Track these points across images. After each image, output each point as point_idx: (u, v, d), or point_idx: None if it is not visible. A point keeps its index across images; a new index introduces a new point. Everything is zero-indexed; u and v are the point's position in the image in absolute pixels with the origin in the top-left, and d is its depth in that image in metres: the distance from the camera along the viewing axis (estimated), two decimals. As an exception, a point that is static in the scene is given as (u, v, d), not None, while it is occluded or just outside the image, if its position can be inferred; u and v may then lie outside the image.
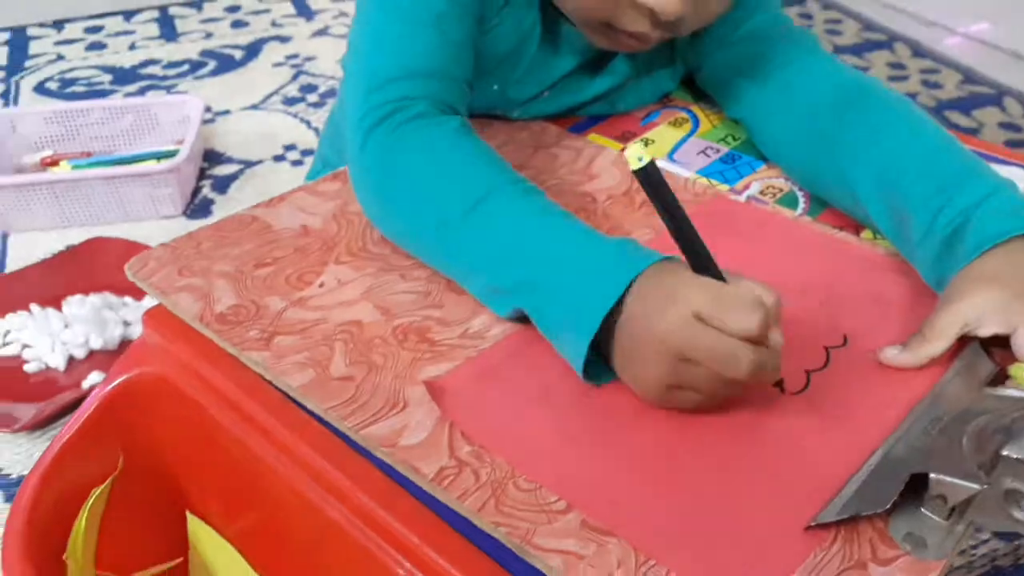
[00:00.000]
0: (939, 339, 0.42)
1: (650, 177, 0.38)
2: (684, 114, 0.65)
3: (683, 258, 0.39)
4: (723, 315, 0.36)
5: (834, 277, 0.48)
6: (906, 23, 1.50)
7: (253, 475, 0.42)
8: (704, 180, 0.57)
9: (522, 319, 0.44)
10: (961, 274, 0.43)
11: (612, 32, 0.53)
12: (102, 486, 0.46)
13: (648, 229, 0.52)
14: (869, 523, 0.35)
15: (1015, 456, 0.36)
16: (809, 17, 1.53)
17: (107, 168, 1.00)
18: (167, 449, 0.47)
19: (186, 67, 1.33)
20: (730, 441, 0.38)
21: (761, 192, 0.57)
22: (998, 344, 0.42)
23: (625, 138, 0.62)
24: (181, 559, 0.50)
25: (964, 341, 0.42)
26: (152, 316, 0.46)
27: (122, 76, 1.31)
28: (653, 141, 0.62)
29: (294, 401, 0.41)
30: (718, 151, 0.61)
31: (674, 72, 0.66)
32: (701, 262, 0.39)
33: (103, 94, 1.26)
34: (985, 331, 0.41)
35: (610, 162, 0.59)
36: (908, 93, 1.26)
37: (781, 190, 0.56)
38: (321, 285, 0.47)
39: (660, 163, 0.58)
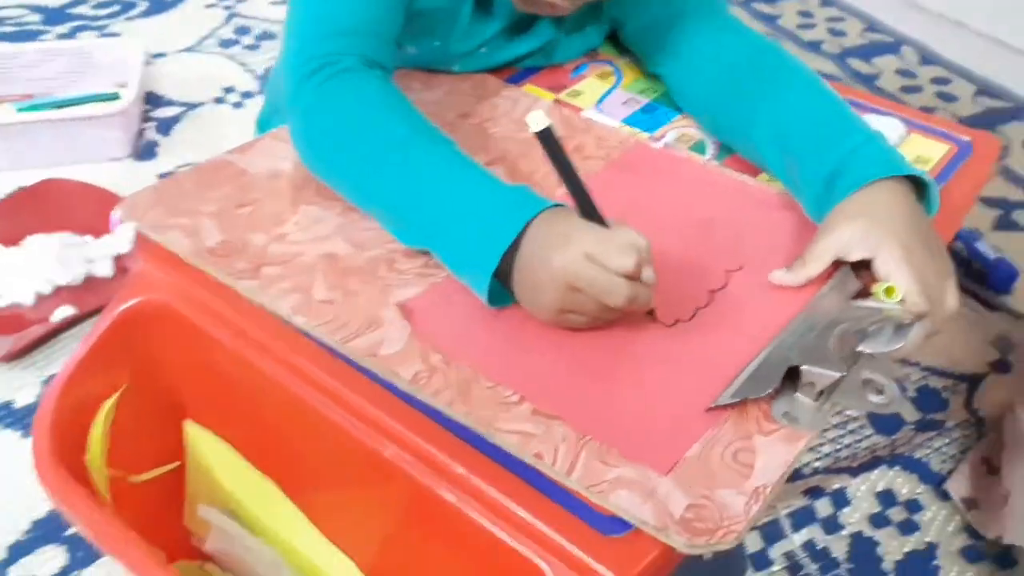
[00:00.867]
0: (816, 263, 0.51)
1: (547, 139, 0.47)
2: (609, 67, 0.73)
3: (572, 205, 0.47)
4: (606, 256, 0.45)
5: (735, 213, 0.58)
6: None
7: (249, 383, 0.49)
8: (628, 128, 0.66)
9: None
10: (835, 210, 0.52)
11: (536, 1, 0.60)
12: (111, 398, 0.52)
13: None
14: (755, 405, 0.44)
15: (868, 351, 0.46)
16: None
17: (56, 111, 1.02)
18: (166, 366, 0.54)
19: (117, 7, 1.33)
20: (648, 342, 0.48)
21: (676, 140, 0.65)
22: (864, 267, 0.52)
23: (556, 89, 0.70)
24: (179, 463, 0.57)
25: (837, 264, 0.52)
26: (147, 250, 0.53)
27: (52, 16, 1.30)
28: (581, 93, 0.70)
29: (284, 321, 0.48)
30: (639, 102, 0.69)
31: (600, 29, 0.73)
32: (588, 211, 0.47)
33: (34, 35, 1.26)
34: (853, 256, 0.51)
35: (545, 110, 0.66)
36: (814, 40, 1.37)
37: (693, 138, 0.65)
38: (297, 223, 0.54)
39: (589, 112, 0.67)
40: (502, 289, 0.48)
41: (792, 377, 0.45)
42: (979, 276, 0.87)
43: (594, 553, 0.39)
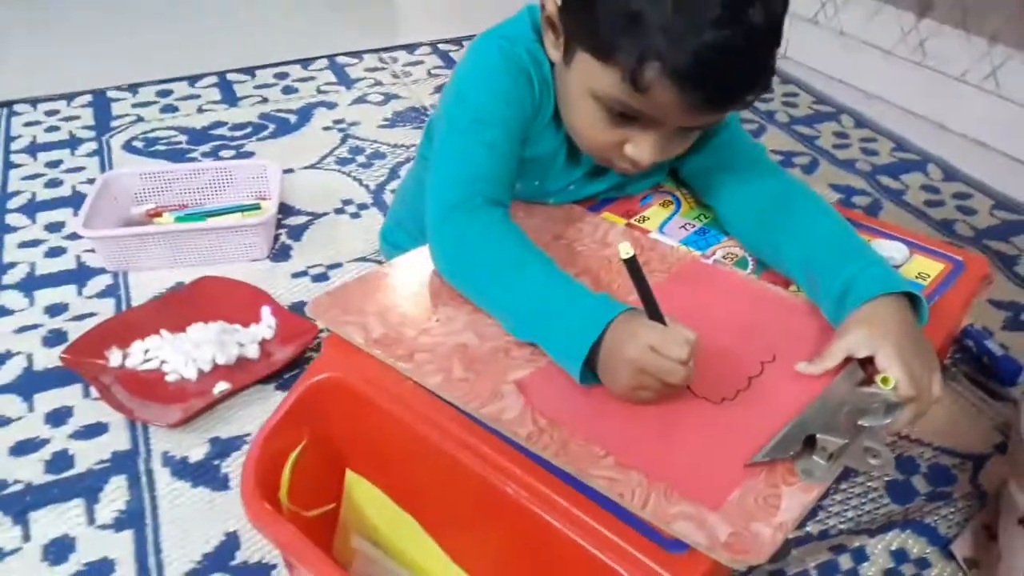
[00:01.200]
0: (832, 359, 0.67)
1: (632, 264, 0.63)
2: (670, 198, 0.91)
3: (643, 308, 0.64)
4: (666, 348, 0.60)
5: (770, 316, 0.74)
6: (853, 95, 1.78)
7: (402, 439, 0.66)
8: (684, 248, 0.83)
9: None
10: (846, 319, 0.68)
11: (607, 162, 0.79)
12: (295, 451, 0.70)
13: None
14: (782, 463, 0.59)
15: (866, 424, 0.61)
16: (771, 90, 1.80)
17: (209, 220, 1.24)
18: (336, 427, 0.71)
19: (249, 129, 1.57)
20: (702, 415, 0.63)
21: (723, 257, 0.82)
22: (868, 362, 0.67)
23: (627, 215, 0.88)
24: (335, 504, 0.74)
25: (848, 360, 0.68)
26: (328, 340, 0.71)
27: (195, 137, 1.55)
28: (648, 218, 0.88)
29: (432, 394, 0.65)
30: (694, 226, 0.87)
31: (663, 167, 0.92)
32: (653, 313, 0.63)
33: (182, 152, 1.50)
34: (860, 354, 0.66)
35: (619, 233, 0.84)
36: (848, 159, 1.52)
37: (736, 256, 0.82)
38: (437, 320, 0.72)
39: (654, 234, 0.85)
40: (589, 372, 0.65)
41: (810, 443, 0.60)
42: (987, 370, 1.01)
43: (662, 564, 0.53)
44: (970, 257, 0.83)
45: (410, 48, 1.94)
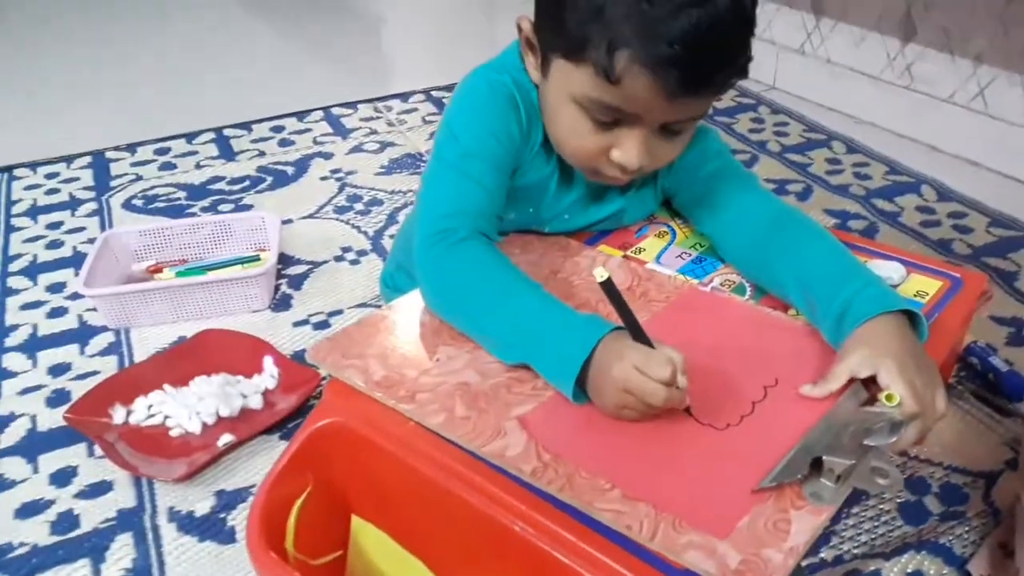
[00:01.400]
0: (835, 381, 0.67)
1: (609, 286, 0.64)
2: (665, 228, 0.92)
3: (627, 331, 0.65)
4: (648, 368, 0.61)
5: (770, 340, 0.74)
6: (842, 122, 1.80)
7: (406, 481, 0.66)
8: (681, 277, 0.83)
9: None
10: (847, 340, 0.68)
11: (597, 174, 0.79)
12: (301, 497, 0.69)
13: (645, 312, 0.77)
14: (790, 487, 0.59)
15: (872, 444, 0.61)
16: (760, 121, 1.82)
17: (209, 274, 1.25)
18: (340, 473, 0.71)
19: (247, 182, 1.59)
20: (707, 442, 0.63)
21: (721, 284, 0.82)
22: (871, 381, 0.67)
23: (624, 247, 0.88)
24: (341, 552, 0.73)
25: (851, 380, 0.67)
26: (330, 386, 0.71)
27: (194, 192, 1.56)
28: (644, 249, 0.88)
29: (435, 434, 0.65)
30: (690, 255, 0.87)
31: (657, 199, 0.92)
32: (637, 334, 0.64)
33: (181, 208, 1.51)
34: (862, 374, 0.66)
35: (616, 266, 0.85)
36: (842, 184, 1.53)
37: (734, 283, 0.82)
38: (438, 360, 0.72)
39: (649, 265, 0.85)
40: (580, 391, 0.65)
41: (817, 466, 0.60)
42: (993, 387, 1.00)
43: (673, 595, 0.54)
44: (968, 274, 0.83)
45: (404, 96, 1.97)
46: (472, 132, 0.78)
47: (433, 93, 1.98)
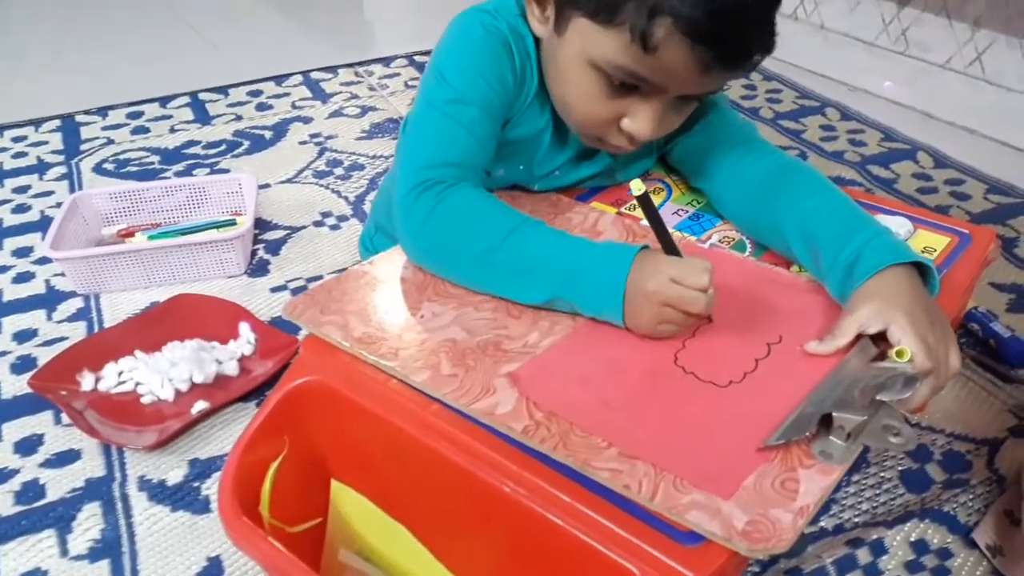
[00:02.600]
0: (843, 336, 0.63)
1: (645, 200, 0.65)
2: (661, 184, 0.88)
3: (659, 247, 0.65)
4: (686, 277, 0.61)
5: (773, 297, 0.70)
6: (836, 89, 1.76)
7: (390, 443, 0.62)
8: (678, 234, 0.79)
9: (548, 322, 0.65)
10: (855, 293, 0.65)
11: (600, 141, 0.75)
12: (276, 461, 0.65)
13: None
14: (797, 445, 0.55)
15: (885, 399, 0.57)
16: (753, 88, 1.78)
17: (182, 237, 1.20)
18: (318, 435, 0.67)
19: (223, 146, 1.53)
20: (709, 399, 0.59)
21: (720, 241, 0.79)
22: (881, 337, 0.64)
23: (617, 204, 0.84)
24: (320, 519, 0.69)
25: (859, 336, 0.64)
26: (307, 342, 0.67)
27: (168, 156, 1.50)
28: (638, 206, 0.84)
29: (419, 392, 0.61)
30: (687, 212, 0.83)
31: (651, 153, 0.88)
32: (669, 248, 0.65)
33: (155, 172, 1.45)
34: (871, 329, 0.63)
35: (609, 222, 0.80)
36: (837, 151, 1.50)
37: (734, 239, 0.79)
38: (422, 316, 0.68)
39: (644, 222, 0.81)
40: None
41: (826, 423, 0.56)
42: (994, 353, 0.98)
43: (676, 558, 0.49)
44: (976, 230, 0.79)
45: (385, 61, 1.91)
46: (464, 76, 0.73)
47: (416, 58, 1.93)
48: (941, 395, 0.80)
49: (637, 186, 0.64)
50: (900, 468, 0.86)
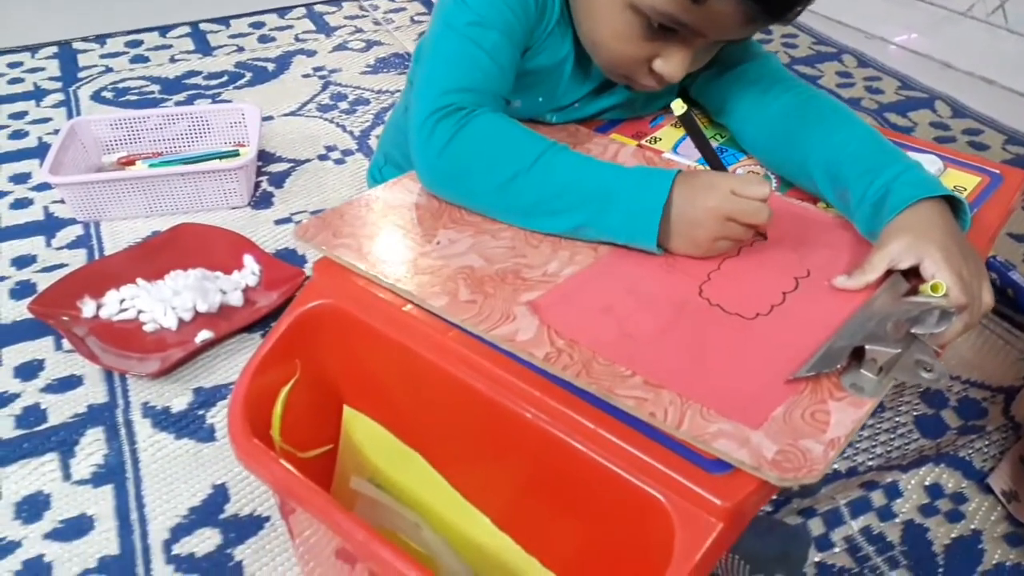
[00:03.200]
0: (873, 271, 0.61)
1: (687, 119, 0.65)
2: (682, 118, 0.85)
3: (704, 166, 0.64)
4: (747, 189, 0.60)
5: (800, 232, 0.68)
6: (852, 36, 1.72)
7: (405, 367, 0.60)
8: (701, 167, 0.77)
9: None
10: (886, 228, 0.63)
11: (628, 79, 0.73)
12: (287, 386, 0.64)
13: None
14: (827, 378, 0.54)
15: (919, 332, 0.56)
16: (768, 32, 1.74)
17: (184, 166, 1.17)
18: (331, 359, 0.65)
19: (225, 78, 1.50)
20: (735, 330, 0.58)
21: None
22: (912, 274, 0.62)
23: (638, 136, 0.82)
24: (332, 445, 0.68)
25: (889, 272, 0.62)
26: (319, 265, 0.64)
27: (168, 86, 1.47)
28: (660, 139, 0.82)
29: (436, 316, 0.59)
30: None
31: (672, 87, 0.85)
32: (719, 166, 0.65)
33: (155, 102, 1.42)
34: (903, 264, 0.61)
35: (630, 154, 0.78)
36: (853, 98, 1.47)
37: (758, 173, 0.76)
38: (438, 243, 0.66)
39: (666, 155, 0.79)
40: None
41: (857, 356, 0.55)
42: (1012, 302, 0.96)
43: (704, 486, 0.48)
44: (1008, 170, 0.77)
45: (391, -5, 1.87)
46: None
47: (423, -7, 1.88)
48: (958, 342, 0.79)
49: (679, 106, 0.63)
50: (915, 413, 0.85)
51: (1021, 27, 1.45)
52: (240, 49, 1.60)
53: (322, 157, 1.27)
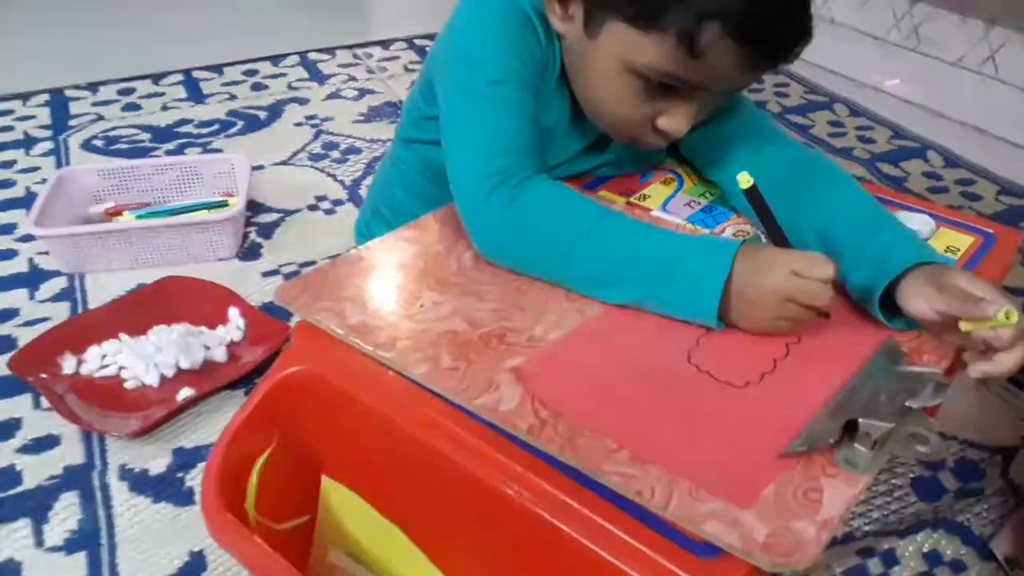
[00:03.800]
0: (981, 312, 0.56)
1: (753, 193, 0.64)
2: (671, 175, 0.84)
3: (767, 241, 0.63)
4: (810, 270, 0.58)
5: (791, 295, 0.67)
6: (844, 85, 1.73)
7: (385, 439, 0.58)
8: (691, 226, 0.76)
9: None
10: (912, 290, 0.60)
11: (634, 140, 0.72)
12: (264, 455, 0.62)
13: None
14: (820, 453, 0.52)
15: (914, 406, 0.54)
16: (760, 81, 1.75)
17: (172, 217, 1.16)
18: (309, 428, 0.63)
19: (217, 126, 1.49)
20: (725, 401, 0.56)
21: (734, 234, 0.75)
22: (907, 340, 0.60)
23: (627, 194, 0.81)
24: (309, 516, 0.66)
25: (880, 341, 0.61)
26: (299, 329, 0.63)
27: (159, 134, 1.46)
28: (649, 196, 0.80)
29: (418, 385, 0.57)
30: (699, 203, 0.80)
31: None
32: (783, 242, 0.63)
33: (145, 151, 1.41)
34: (979, 293, 0.57)
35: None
36: (845, 147, 1.47)
37: (749, 233, 0.75)
38: (422, 305, 0.64)
39: (655, 212, 0.77)
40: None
41: (850, 430, 0.53)
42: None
43: (692, 572, 0.46)
44: (1001, 230, 0.76)
45: (385, 44, 1.87)
46: (496, 54, 0.69)
47: (416, 41, 1.89)
48: (954, 401, 0.77)
49: (745, 179, 0.63)
50: (912, 475, 0.83)
51: (1012, 77, 1.46)
52: (232, 97, 1.60)
53: (312, 207, 1.26)
